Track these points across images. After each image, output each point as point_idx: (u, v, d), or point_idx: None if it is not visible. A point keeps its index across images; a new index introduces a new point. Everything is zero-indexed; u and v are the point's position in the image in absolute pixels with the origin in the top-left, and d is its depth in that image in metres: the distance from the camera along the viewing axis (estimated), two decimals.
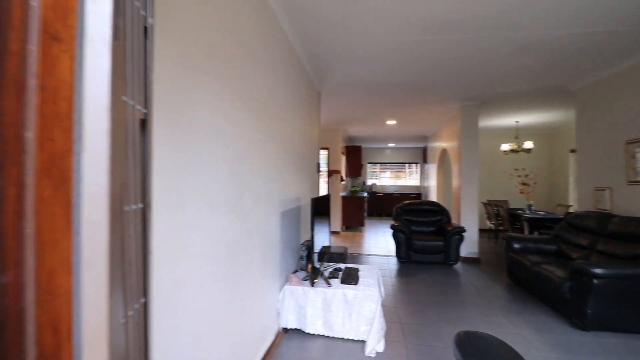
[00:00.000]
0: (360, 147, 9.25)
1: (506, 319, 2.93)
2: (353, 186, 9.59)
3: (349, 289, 2.54)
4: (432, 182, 8.64)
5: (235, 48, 1.62)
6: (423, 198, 10.20)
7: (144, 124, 0.67)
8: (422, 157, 10.52)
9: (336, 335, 2.50)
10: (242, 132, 1.72)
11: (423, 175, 10.52)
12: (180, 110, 1.16)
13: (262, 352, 2.11)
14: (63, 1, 0.47)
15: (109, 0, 0.52)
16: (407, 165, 11.12)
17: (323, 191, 6.86)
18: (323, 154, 7.29)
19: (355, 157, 9.29)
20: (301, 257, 2.98)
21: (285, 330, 2.62)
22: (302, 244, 2.97)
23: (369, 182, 11.21)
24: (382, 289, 2.90)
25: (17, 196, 0.42)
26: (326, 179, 7.27)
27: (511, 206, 7.59)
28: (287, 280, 2.71)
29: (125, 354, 0.60)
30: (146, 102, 0.68)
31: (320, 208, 2.96)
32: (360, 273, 2.96)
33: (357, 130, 8.00)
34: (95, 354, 0.50)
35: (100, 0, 0.51)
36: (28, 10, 0.43)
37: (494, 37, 2.81)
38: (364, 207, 7.87)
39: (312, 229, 2.65)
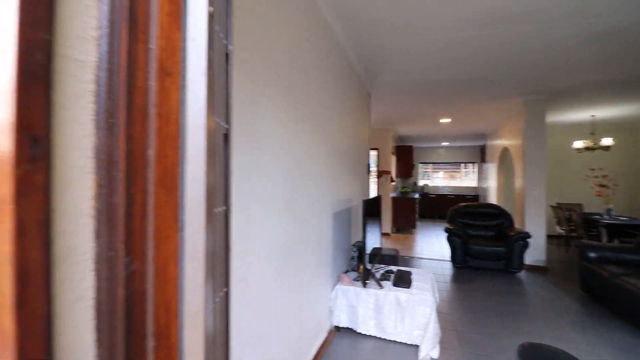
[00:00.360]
0: (411, 146, 8.99)
1: (579, 335, 2.66)
2: (404, 187, 9.35)
3: (401, 292, 2.52)
4: (492, 183, 8.08)
5: (291, 57, 1.72)
6: (481, 200, 9.57)
7: (226, 137, 0.77)
8: (480, 156, 9.88)
9: (388, 338, 2.50)
10: (296, 136, 1.82)
11: (481, 175, 9.87)
12: (247, 120, 1.28)
13: (315, 348, 2.20)
14: (171, 43, 0.57)
15: (204, 38, 0.62)
16: (462, 165, 10.52)
17: (373, 192, 6.81)
18: (372, 154, 7.24)
19: (406, 157, 9.06)
20: (352, 258, 3.02)
21: (337, 328, 2.68)
22: (353, 245, 3.01)
23: (421, 182, 10.83)
24: (437, 294, 2.82)
25: (142, 201, 0.53)
26: (376, 180, 7.20)
27: (586, 210, 6.78)
28: (338, 279, 2.78)
29: (213, 334, 0.70)
30: (227, 118, 0.79)
31: (371, 209, 2.97)
32: (413, 276, 2.91)
33: (407, 130, 7.80)
34: (194, 331, 0.61)
35: (199, 39, 0.61)
36: (148, 53, 0.54)
37: (565, 26, 2.57)
38: (415, 208, 7.64)
39: (364, 230, 2.68)
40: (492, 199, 7.90)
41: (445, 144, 10.16)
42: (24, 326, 0.37)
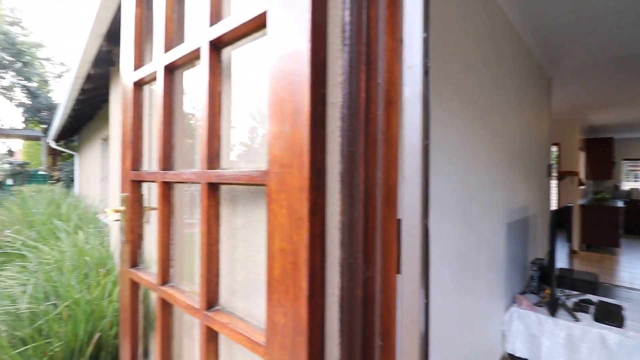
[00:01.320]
0: (610, 139, 6.83)
1: None
2: (598, 192, 7.21)
3: (609, 331, 1.96)
4: None
5: (461, 54, 1.61)
6: None
7: (427, 150, 0.79)
8: None
9: None
10: (466, 139, 1.69)
11: None
12: None
13: None
14: (393, 74, 0.64)
15: (419, 64, 0.66)
16: None
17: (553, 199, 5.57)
18: (552, 151, 5.92)
19: (601, 152, 6.96)
20: (531, 278, 2.56)
21: (512, 357, 2.33)
22: (533, 262, 2.55)
23: (626, 186, 8.10)
24: None
25: (373, 217, 0.61)
26: (556, 183, 5.86)
27: None
28: (514, 301, 2.41)
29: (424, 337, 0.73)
30: (427, 132, 0.81)
31: (558, 221, 2.44)
32: (626, 313, 2.21)
33: (604, 118, 5.98)
34: (410, 333, 0.65)
35: (415, 65, 0.65)
36: (378, 87, 0.63)
37: None
38: (618, 220, 5.77)
39: (552, 247, 2.22)
40: None
41: None
42: (312, 313, 0.50)
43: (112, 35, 2.41)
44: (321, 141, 0.52)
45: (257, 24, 0.61)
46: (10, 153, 14.44)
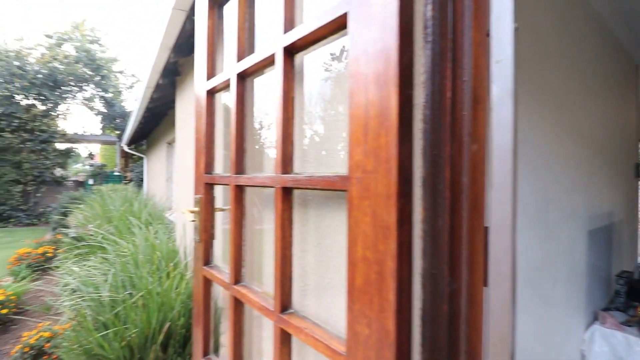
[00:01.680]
0: None
1: None
2: None
3: None
4: None
5: (539, 44, 1.46)
6: None
7: (516, 152, 0.72)
8: None
9: None
10: (543, 136, 1.52)
11: None
12: None
13: None
14: (480, 71, 0.59)
15: (510, 58, 0.60)
16: None
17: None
18: None
19: None
20: (616, 293, 2.24)
21: None
22: (618, 276, 2.24)
23: None
24: None
25: (459, 226, 0.57)
26: None
27: None
28: (596, 318, 2.13)
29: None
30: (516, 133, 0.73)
31: None
32: None
33: None
34: (498, 349, 0.60)
35: (505, 59, 0.60)
36: (464, 85, 0.58)
37: None
38: None
39: None
40: None
41: None
42: (400, 327, 0.47)
43: (179, 48, 2.61)
44: (408, 146, 0.49)
45: (335, 27, 0.60)
46: (91, 156, 16.49)
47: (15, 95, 9.87)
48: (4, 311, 3.22)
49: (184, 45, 2.54)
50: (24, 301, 3.79)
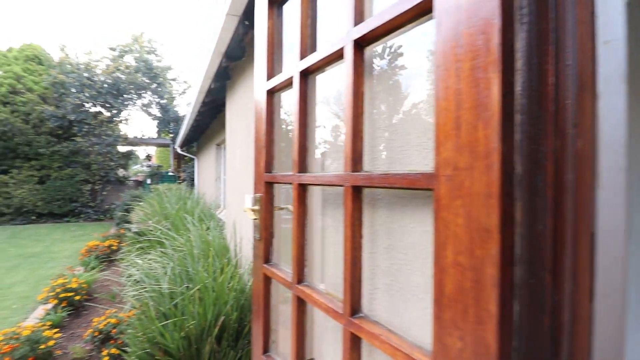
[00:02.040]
0: None
1: None
2: None
3: None
4: None
5: None
6: None
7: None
8: None
9: None
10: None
11: None
12: None
13: None
14: (585, 53, 0.51)
15: (621, 37, 0.52)
16: None
17: None
18: None
19: None
20: None
21: None
22: None
23: None
24: None
25: (563, 230, 0.50)
26: None
27: None
28: None
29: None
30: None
31: None
32: None
33: None
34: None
35: (614, 40, 0.51)
36: (567, 70, 0.51)
37: None
38: None
39: None
40: None
41: None
42: (502, 342, 0.43)
43: (230, 52, 2.71)
44: (510, 139, 0.44)
45: (414, 13, 0.56)
46: (148, 158, 17.95)
47: (85, 104, 11.06)
48: (78, 297, 3.59)
49: (235, 50, 2.64)
50: (94, 289, 4.20)
